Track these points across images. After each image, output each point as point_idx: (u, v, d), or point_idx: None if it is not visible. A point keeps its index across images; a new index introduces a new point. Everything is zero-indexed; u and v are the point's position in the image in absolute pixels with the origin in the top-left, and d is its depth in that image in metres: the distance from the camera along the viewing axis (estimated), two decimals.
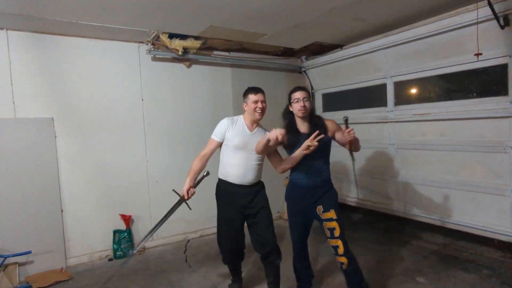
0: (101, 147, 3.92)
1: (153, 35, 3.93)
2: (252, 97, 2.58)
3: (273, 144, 2.35)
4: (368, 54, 4.32)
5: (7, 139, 3.39)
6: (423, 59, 3.82)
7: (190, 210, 2.76)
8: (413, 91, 4.22)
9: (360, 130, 3.66)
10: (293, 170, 2.56)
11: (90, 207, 3.87)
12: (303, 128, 2.50)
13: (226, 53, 4.76)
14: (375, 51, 4.20)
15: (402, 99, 4.26)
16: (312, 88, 5.48)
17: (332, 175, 2.62)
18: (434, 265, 3.33)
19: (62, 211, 3.68)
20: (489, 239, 3.52)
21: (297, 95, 2.46)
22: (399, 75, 4.17)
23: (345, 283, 2.49)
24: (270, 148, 2.47)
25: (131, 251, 3.43)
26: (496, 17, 2.94)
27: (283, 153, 2.67)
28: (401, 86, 4.24)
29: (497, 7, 2.93)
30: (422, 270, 3.24)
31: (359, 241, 4.03)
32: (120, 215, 3.97)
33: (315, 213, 2.48)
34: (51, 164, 3.61)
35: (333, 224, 2.38)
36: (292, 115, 2.55)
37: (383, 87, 4.38)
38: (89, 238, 3.87)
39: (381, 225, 4.57)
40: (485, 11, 3.00)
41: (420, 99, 4.13)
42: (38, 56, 3.58)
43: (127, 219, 3.99)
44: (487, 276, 3.05)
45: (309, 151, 2.28)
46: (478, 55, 3.09)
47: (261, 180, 2.77)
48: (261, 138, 2.59)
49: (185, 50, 4.20)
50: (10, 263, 3.28)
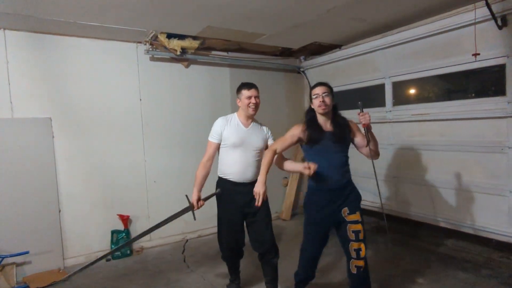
0: (99, 147, 3.91)
1: (151, 35, 3.93)
2: (245, 93, 2.59)
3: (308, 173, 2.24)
4: (366, 54, 4.32)
5: (4, 139, 3.38)
6: (422, 59, 3.82)
7: (194, 220, 2.76)
8: (412, 91, 4.22)
9: None
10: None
11: (88, 207, 3.86)
12: (327, 125, 2.37)
13: (224, 53, 4.76)
14: (374, 51, 4.20)
15: (400, 99, 4.26)
16: (310, 88, 5.47)
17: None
18: (433, 265, 3.33)
19: (60, 211, 3.67)
20: (487, 239, 3.52)
21: (317, 90, 2.35)
22: (397, 75, 4.17)
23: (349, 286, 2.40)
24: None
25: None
26: (494, 18, 2.94)
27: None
28: (399, 86, 4.24)
29: (495, 7, 2.93)
30: (421, 270, 3.24)
31: None
32: (118, 215, 3.96)
33: (339, 216, 2.33)
34: (48, 164, 3.60)
35: (359, 226, 2.29)
36: (313, 112, 2.41)
37: (381, 87, 4.38)
38: (87, 238, 3.86)
39: (379, 225, 4.57)
40: (483, 12, 3.01)
41: (418, 99, 4.13)
42: (35, 56, 3.57)
43: (125, 219, 3.98)
44: (486, 276, 3.05)
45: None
46: (476, 55, 3.11)
47: None
48: (258, 133, 2.64)
49: (183, 50, 4.20)
50: (7, 264, 3.27)
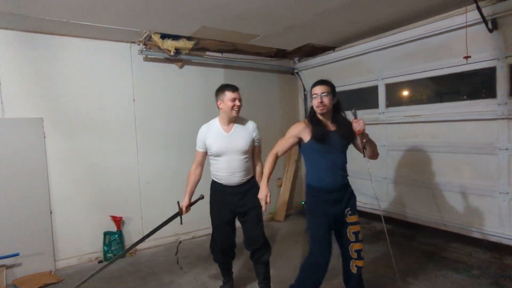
0: (92, 147, 3.88)
1: (145, 35, 3.91)
2: (229, 95, 2.53)
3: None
4: (360, 56, 4.35)
5: None
6: (414, 61, 3.86)
7: (181, 224, 2.86)
8: (405, 93, 4.27)
9: None
10: (313, 170, 2.34)
11: (80, 209, 3.82)
12: (328, 126, 2.30)
13: (218, 54, 4.76)
14: (367, 53, 4.23)
15: (393, 101, 4.30)
16: (304, 89, 5.50)
17: None
18: (424, 266, 3.35)
19: (51, 213, 3.63)
20: (478, 240, 3.57)
21: (316, 89, 2.24)
22: (390, 77, 4.21)
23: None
24: None
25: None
26: (484, 21, 2.99)
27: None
28: (392, 88, 4.29)
29: (486, 11, 2.98)
30: (412, 270, 3.26)
31: None
32: (110, 216, 3.93)
33: (342, 217, 2.31)
34: (40, 164, 3.56)
35: (358, 227, 2.31)
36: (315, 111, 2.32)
37: (375, 89, 4.42)
38: (79, 240, 3.82)
39: (371, 226, 4.59)
40: (474, 15, 3.05)
41: (411, 101, 4.18)
42: (27, 55, 3.53)
43: (118, 221, 3.95)
44: (477, 276, 3.08)
45: (263, 207, 2.24)
46: (467, 58, 3.15)
47: (254, 176, 2.77)
48: (241, 134, 2.61)
49: (177, 50, 4.19)
50: None
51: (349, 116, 2.42)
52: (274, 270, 3.30)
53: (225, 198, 2.66)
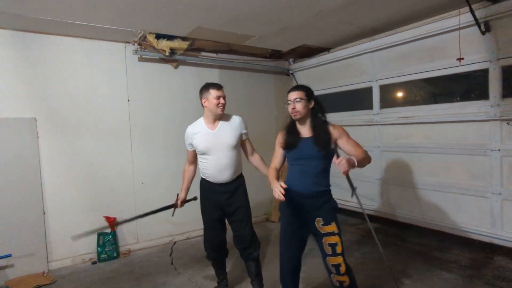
0: (86, 148, 3.86)
1: (139, 35, 3.90)
2: (214, 93, 2.56)
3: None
4: (354, 57, 4.38)
5: None
6: (408, 63, 3.89)
7: (172, 216, 2.88)
8: (399, 94, 4.29)
9: None
10: (288, 175, 2.31)
11: (73, 209, 3.79)
12: (304, 131, 2.24)
13: (214, 55, 4.76)
14: (361, 54, 4.26)
15: (387, 102, 4.33)
16: None
17: None
18: (417, 266, 3.37)
19: (44, 213, 3.60)
20: (471, 240, 3.60)
21: (289, 96, 2.21)
22: (384, 78, 4.24)
23: None
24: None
25: None
26: (477, 23, 3.02)
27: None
28: (386, 89, 4.31)
29: (479, 13, 3.01)
30: (406, 271, 3.28)
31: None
32: (104, 217, 3.90)
33: (313, 226, 2.19)
34: (33, 165, 3.53)
35: (335, 239, 2.12)
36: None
37: (369, 90, 4.44)
38: (73, 241, 3.78)
39: (365, 226, 4.61)
40: (467, 17, 3.09)
41: (405, 102, 4.21)
42: (20, 54, 3.50)
43: (112, 222, 3.92)
44: (469, 276, 3.11)
45: (277, 197, 1.98)
46: (460, 59, 3.18)
47: (242, 174, 2.81)
48: (227, 129, 2.63)
49: (172, 50, 4.18)
50: None
51: (339, 117, 2.39)
52: (268, 270, 3.30)
53: (214, 196, 2.70)
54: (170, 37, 4.04)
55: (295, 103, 2.16)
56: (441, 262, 3.44)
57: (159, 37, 3.99)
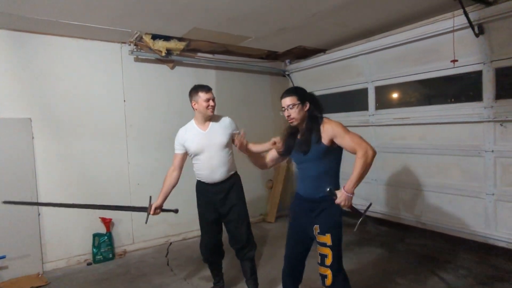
0: (81, 148, 3.84)
1: (136, 36, 3.89)
2: (203, 95, 2.60)
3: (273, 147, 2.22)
4: (350, 59, 4.40)
5: None
6: (403, 64, 3.92)
7: (145, 223, 2.70)
8: (394, 95, 4.32)
9: None
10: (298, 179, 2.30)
11: (68, 210, 3.72)
12: (302, 133, 2.17)
13: (210, 55, 4.76)
14: (357, 56, 4.28)
15: (383, 104, 4.35)
16: None
17: None
18: (413, 266, 3.39)
19: (39, 214, 3.58)
20: (465, 240, 3.63)
21: (282, 102, 2.14)
22: (380, 80, 4.27)
23: None
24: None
25: None
26: (471, 26, 3.05)
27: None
28: (382, 90, 4.34)
29: (472, 16, 3.04)
30: (401, 271, 3.30)
31: None
32: (100, 218, 3.89)
33: (312, 231, 2.14)
34: (28, 165, 3.50)
35: (326, 250, 2.05)
36: None
37: (364, 92, 4.47)
38: (68, 242, 3.77)
39: (361, 227, 4.62)
40: (461, 20, 3.12)
41: (400, 103, 4.23)
42: (16, 54, 3.48)
43: (107, 222, 3.91)
44: (464, 276, 3.13)
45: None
46: (454, 61, 3.21)
47: (236, 172, 2.81)
48: (218, 129, 2.65)
49: (169, 51, 4.17)
50: None
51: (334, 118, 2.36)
52: (264, 270, 3.31)
53: (209, 197, 2.70)
54: (166, 38, 4.04)
55: (289, 110, 2.10)
56: (436, 262, 3.46)
57: (155, 37, 3.98)
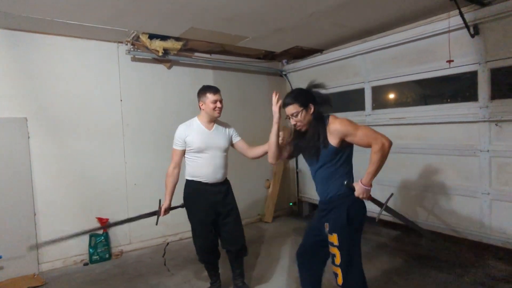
0: (77, 148, 3.82)
1: (132, 35, 3.88)
2: (211, 97, 2.60)
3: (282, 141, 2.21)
4: (347, 59, 4.41)
5: None
6: (399, 64, 3.94)
7: (156, 225, 2.80)
8: (390, 95, 4.34)
9: None
10: None
11: (65, 210, 3.75)
12: (308, 135, 2.15)
13: (207, 55, 4.76)
14: (354, 56, 4.30)
15: (379, 103, 4.37)
16: None
17: None
18: (409, 265, 3.42)
19: (35, 215, 3.56)
20: (461, 239, 3.65)
21: (286, 111, 2.11)
22: (376, 80, 4.28)
23: None
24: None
25: None
26: (466, 26, 3.07)
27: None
28: (378, 90, 4.36)
29: (468, 16, 3.06)
30: (397, 270, 3.32)
31: None
32: (96, 218, 3.87)
33: (324, 230, 2.13)
34: (23, 165, 3.49)
35: (334, 250, 2.06)
36: None
37: (361, 92, 4.48)
38: (64, 242, 3.71)
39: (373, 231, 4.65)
40: (456, 20, 3.14)
41: (396, 103, 4.26)
42: (11, 54, 3.46)
43: (104, 223, 3.89)
44: (460, 275, 3.15)
45: (277, 119, 2.15)
46: (450, 62, 3.23)
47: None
48: (221, 134, 2.69)
49: (166, 51, 4.17)
50: None
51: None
52: (259, 270, 3.32)
53: (207, 198, 2.67)
54: (163, 37, 4.03)
55: (295, 118, 2.08)
56: (432, 261, 3.49)
57: (152, 37, 3.98)
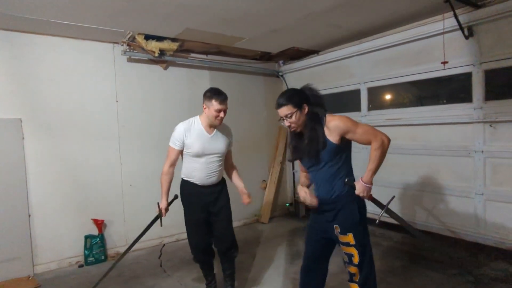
0: (72, 149, 3.80)
1: (128, 36, 3.87)
2: (216, 105, 2.47)
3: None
4: (343, 60, 4.44)
5: None
6: (395, 66, 3.97)
7: (161, 226, 2.78)
8: (386, 96, 4.37)
9: None
10: None
11: (60, 212, 3.73)
12: (305, 137, 2.08)
13: (203, 56, 4.75)
14: (350, 57, 4.32)
15: (375, 104, 4.40)
16: None
17: None
18: (404, 265, 3.43)
19: (29, 216, 3.53)
20: (455, 240, 3.68)
21: (279, 112, 2.01)
22: (372, 81, 4.31)
23: None
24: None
25: None
26: (461, 28, 3.10)
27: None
28: (374, 91, 4.38)
29: (462, 18, 3.09)
30: (392, 270, 3.33)
31: None
32: (92, 219, 3.86)
33: (332, 233, 2.07)
34: (18, 166, 3.46)
35: (351, 250, 1.99)
36: None
37: (357, 93, 4.51)
38: (59, 243, 3.72)
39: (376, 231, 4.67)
40: (451, 22, 3.17)
41: (392, 104, 4.29)
42: (6, 54, 3.43)
43: (100, 224, 3.88)
44: (454, 275, 3.18)
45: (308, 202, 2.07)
46: (444, 63, 3.26)
47: (223, 177, 2.86)
48: (221, 138, 2.67)
49: (162, 52, 4.16)
50: None
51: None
52: (255, 270, 3.32)
53: (201, 198, 2.69)
54: (159, 38, 4.02)
55: (289, 120, 1.99)
56: (426, 261, 3.51)
57: (148, 38, 3.97)
